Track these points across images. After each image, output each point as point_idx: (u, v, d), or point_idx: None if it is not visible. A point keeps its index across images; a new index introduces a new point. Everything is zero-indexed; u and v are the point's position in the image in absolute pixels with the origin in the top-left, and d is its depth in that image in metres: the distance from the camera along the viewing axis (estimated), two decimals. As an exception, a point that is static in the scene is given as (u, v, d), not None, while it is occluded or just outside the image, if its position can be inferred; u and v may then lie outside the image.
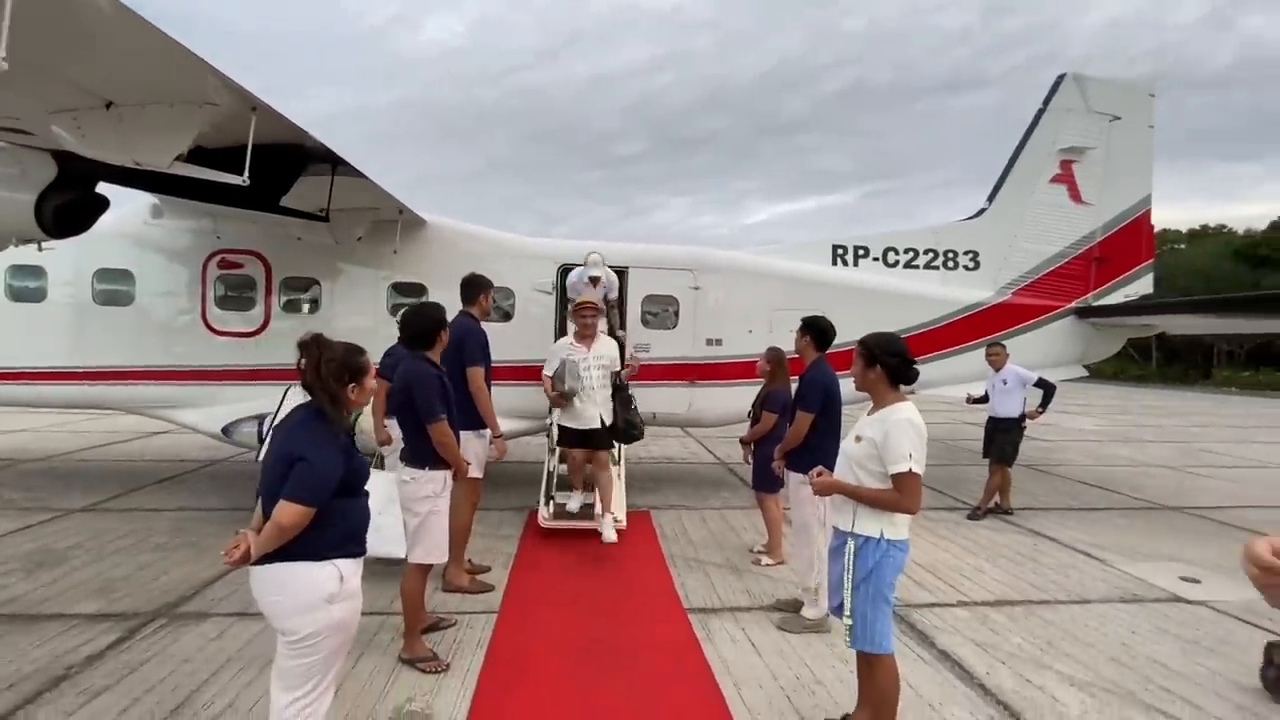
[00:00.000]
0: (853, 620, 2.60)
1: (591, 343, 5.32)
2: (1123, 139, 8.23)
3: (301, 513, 2.13)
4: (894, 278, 7.70)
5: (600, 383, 5.26)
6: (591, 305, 5.39)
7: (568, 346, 5.34)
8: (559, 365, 5.19)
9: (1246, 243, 34.47)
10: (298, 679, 2.24)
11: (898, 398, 2.75)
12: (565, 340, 5.45)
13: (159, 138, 3.44)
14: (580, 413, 5.23)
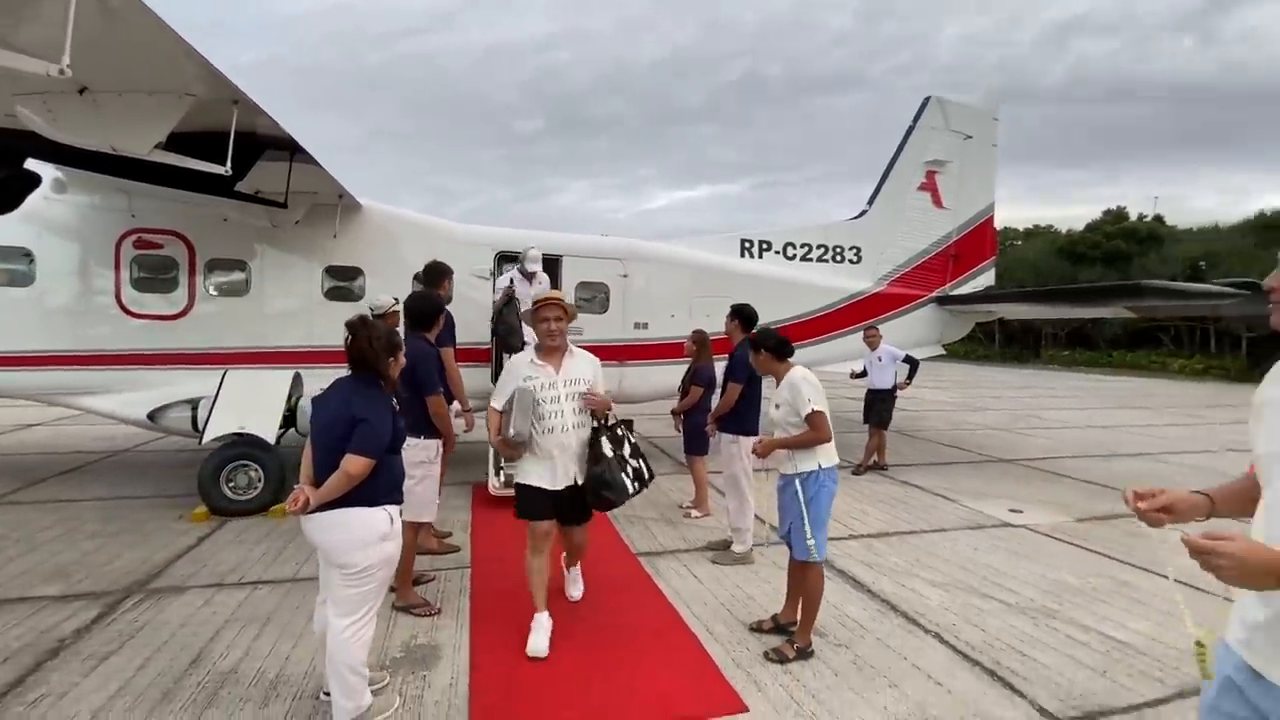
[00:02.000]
0: (795, 536, 3.42)
1: (561, 359, 3.47)
2: (973, 154, 9.84)
3: (366, 464, 2.57)
4: (793, 269, 8.80)
5: (576, 420, 3.39)
6: (557, 302, 3.46)
7: (527, 366, 3.46)
8: (510, 396, 3.36)
9: (1068, 241, 40.27)
10: (354, 605, 2.67)
11: (788, 367, 3.64)
12: (524, 357, 3.56)
13: (137, 126, 3.52)
14: (548, 466, 3.38)
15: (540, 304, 3.49)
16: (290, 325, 6.56)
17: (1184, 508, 1.57)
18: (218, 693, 2.97)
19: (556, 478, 3.41)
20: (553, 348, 3.48)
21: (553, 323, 3.41)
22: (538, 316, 3.46)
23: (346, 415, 2.65)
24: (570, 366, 3.49)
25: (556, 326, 3.42)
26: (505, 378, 3.54)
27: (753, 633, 3.66)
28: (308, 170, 5.35)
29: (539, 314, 3.46)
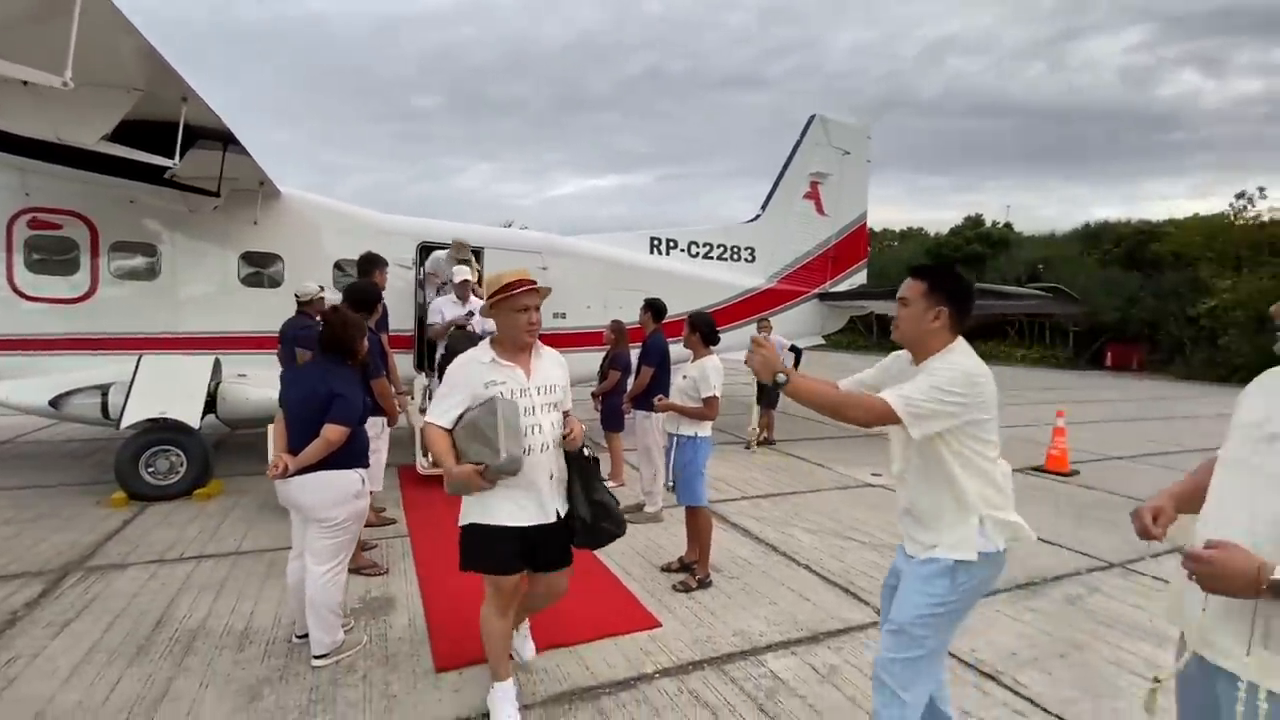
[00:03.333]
0: (682, 485, 4.21)
1: (530, 358, 2.68)
2: (850, 168, 11.19)
3: (343, 433, 3.03)
4: (696, 266, 9.69)
5: (555, 436, 2.67)
6: (533, 284, 2.60)
7: (487, 367, 2.60)
8: (476, 410, 2.52)
9: (935, 244, 44.80)
10: (331, 554, 3.12)
11: (707, 352, 4.43)
12: (478, 355, 2.65)
13: (84, 118, 3.63)
14: (526, 497, 2.61)
15: (512, 286, 2.53)
16: (206, 311, 6.53)
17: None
18: (192, 644, 3.29)
19: (536, 511, 2.59)
20: (525, 345, 2.62)
21: (533, 312, 2.58)
22: (510, 304, 2.53)
23: (324, 391, 3.08)
24: (541, 369, 2.66)
25: (537, 317, 2.61)
26: (453, 383, 2.58)
27: (663, 572, 4.42)
28: (235, 159, 5.44)
29: (512, 300, 2.52)
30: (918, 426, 1.97)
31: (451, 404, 2.57)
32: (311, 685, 2.97)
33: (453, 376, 2.64)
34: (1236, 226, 28.43)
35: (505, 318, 2.61)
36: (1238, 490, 1.43)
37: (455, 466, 2.47)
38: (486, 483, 2.46)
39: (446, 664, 3.18)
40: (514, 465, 2.45)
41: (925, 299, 2.12)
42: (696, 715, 2.86)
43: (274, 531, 4.95)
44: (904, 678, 2.08)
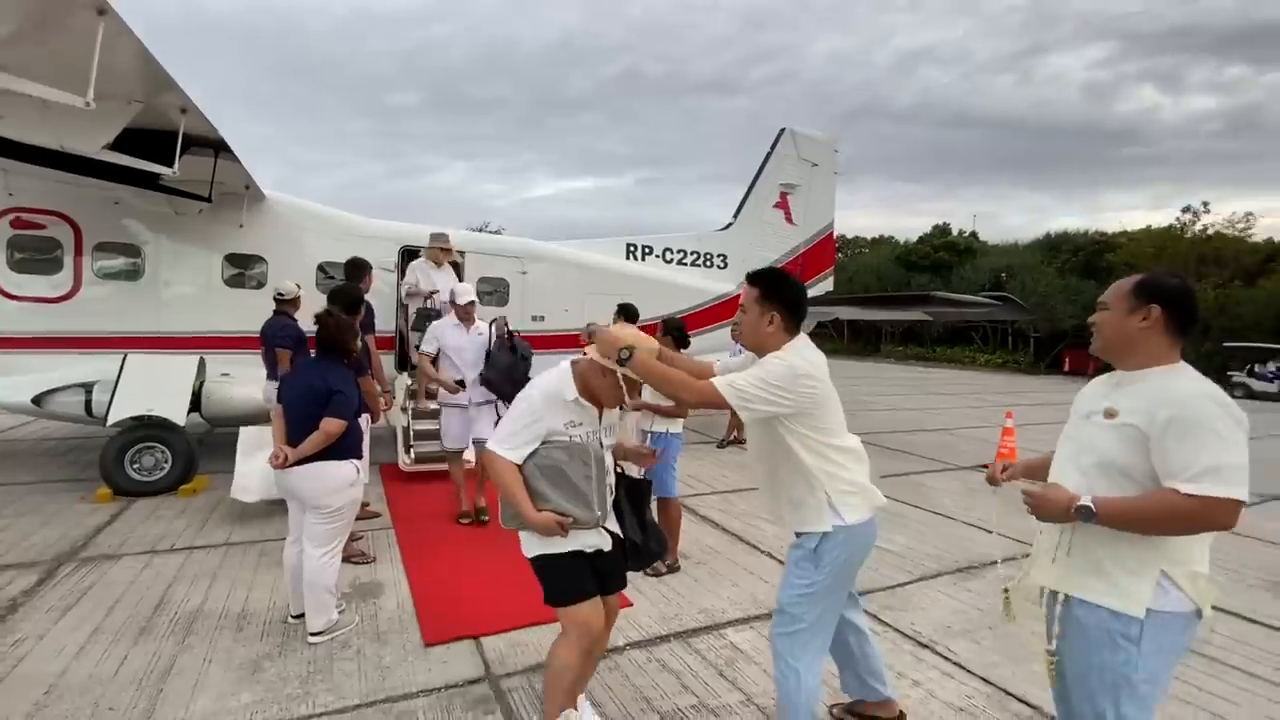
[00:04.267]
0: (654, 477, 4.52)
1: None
2: (818, 180, 11.68)
3: (341, 425, 3.29)
4: (671, 271, 10.06)
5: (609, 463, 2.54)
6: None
7: (568, 406, 2.38)
8: (558, 453, 2.35)
9: (904, 251, 46.01)
10: (327, 538, 3.38)
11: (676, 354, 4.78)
12: (558, 388, 2.38)
13: (87, 129, 3.81)
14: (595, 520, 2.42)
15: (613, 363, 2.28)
16: (190, 311, 6.66)
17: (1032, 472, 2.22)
18: (191, 625, 3.51)
19: (596, 535, 2.46)
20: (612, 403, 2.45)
21: (616, 377, 2.34)
22: (604, 372, 2.33)
23: (323, 387, 3.34)
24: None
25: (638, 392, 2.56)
26: (533, 417, 2.34)
27: (635, 559, 4.75)
28: (225, 165, 5.63)
29: (608, 370, 2.32)
30: (745, 411, 2.22)
31: (526, 439, 2.36)
32: (309, 659, 3.22)
33: (533, 409, 2.36)
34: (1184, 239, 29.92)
35: (592, 371, 2.36)
36: (1067, 453, 1.97)
37: (534, 513, 2.29)
38: (564, 533, 2.32)
39: (434, 639, 3.46)
40: (602, 522, 2.40)
41: (758, 304, 2.37)
42: (663, 679, 3.18)
43: (262, 524, 5.15)
44: (793, 650, 2.36)
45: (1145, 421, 1.74)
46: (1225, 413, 1.71)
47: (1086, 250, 36.82)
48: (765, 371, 2.25)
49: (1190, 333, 1.86)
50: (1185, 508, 1.66)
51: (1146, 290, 1.85)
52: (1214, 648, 3.71)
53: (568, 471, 2.33)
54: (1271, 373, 20.74)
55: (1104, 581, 1.79)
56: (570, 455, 2.35)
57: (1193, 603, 1.75)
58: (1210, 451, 1.66)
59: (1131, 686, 1.76)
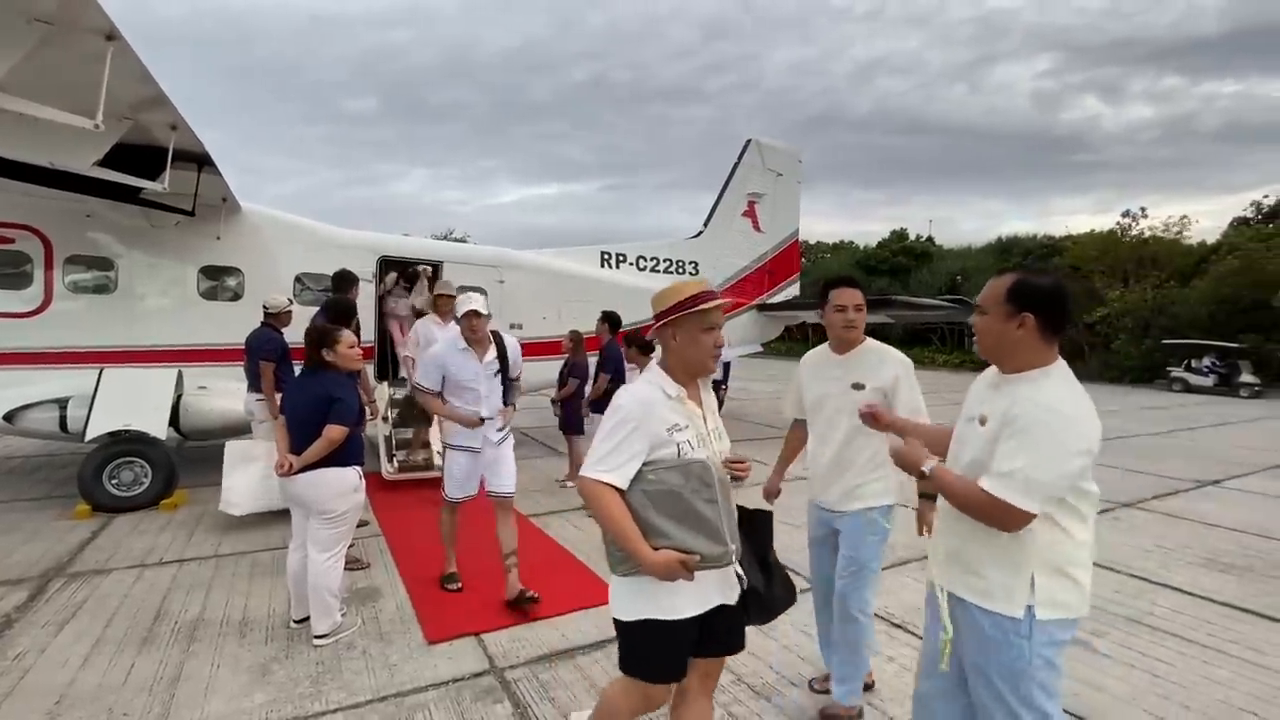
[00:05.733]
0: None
1: (699, 390, 2.13)
2: (783, 189, 12.10)
3: (344, 432, 3.41)
4: (644, 278, 10.29)
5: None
6: (716, 295, 2.07)
7: (668, 405, 1.99)
8: (668, 473, 1.93)
9: (864, 256, 47.27)
10: (331, 543, 3.49)
11: (648, 359, 5.06)
12: (653, 386, 2.02)
13: (78, 146, 3.83)
14: (711, 573, 1.98)
15: (700, 298, 1.98)
16: (165, 324, 6.61)
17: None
18: (194, 634, 3.56)
19: (718, 587, 2.00)
20: (705, 371, 2.08)
21: (719, 333, 2.03)
22: (696, 321, 1.97)
23: (325, 395, 3.45)
24: (708, 401, 2.12)
25: (723, 340, 2.09)
26: (630, 424, 1.90)
27: (624, 557, 4.94)
28: (205, 178, 5.64)
29: (700, 317, 1.97)
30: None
31: (627, 455, 1.87)
32: (316, 660, 3.32)
33: (627, 413, 1.90)
34: (1124, 242, 31.56)
35: (686, 337, 1.98)
36: (953, 451, 2.03)
37: (652, 554, 1.81)
38: (689, 575, 1.82)
39: (437, 636, 3.59)
40: (736, 557, 1.94)
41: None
42: (660, 664, 3.38)
43: (250, 536, 5.17)
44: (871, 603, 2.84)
45: (1000, 422, 1.78)
46: (1063, 426, 1.70)
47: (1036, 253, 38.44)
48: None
49: (1064, 331, 1.85)
50: (977, 500, 1.72)
51: (1021, 297, 1.81)
52: (1156, 618, 4.08)
53: (686, 497, 1.87)
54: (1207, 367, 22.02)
55: (984, 581, 1.82)
56: (686, 476, 1.89)
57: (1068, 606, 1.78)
58: (1023, 457, 1.68)
59: (1029, 675, 1.76)
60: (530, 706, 2.96)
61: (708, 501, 1.92)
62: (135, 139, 4.33)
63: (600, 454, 1.92)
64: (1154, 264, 29.98)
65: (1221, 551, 5.41)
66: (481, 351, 4.01)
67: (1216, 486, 7.91)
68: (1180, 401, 19.18)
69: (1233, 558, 5.26)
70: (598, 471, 1.90)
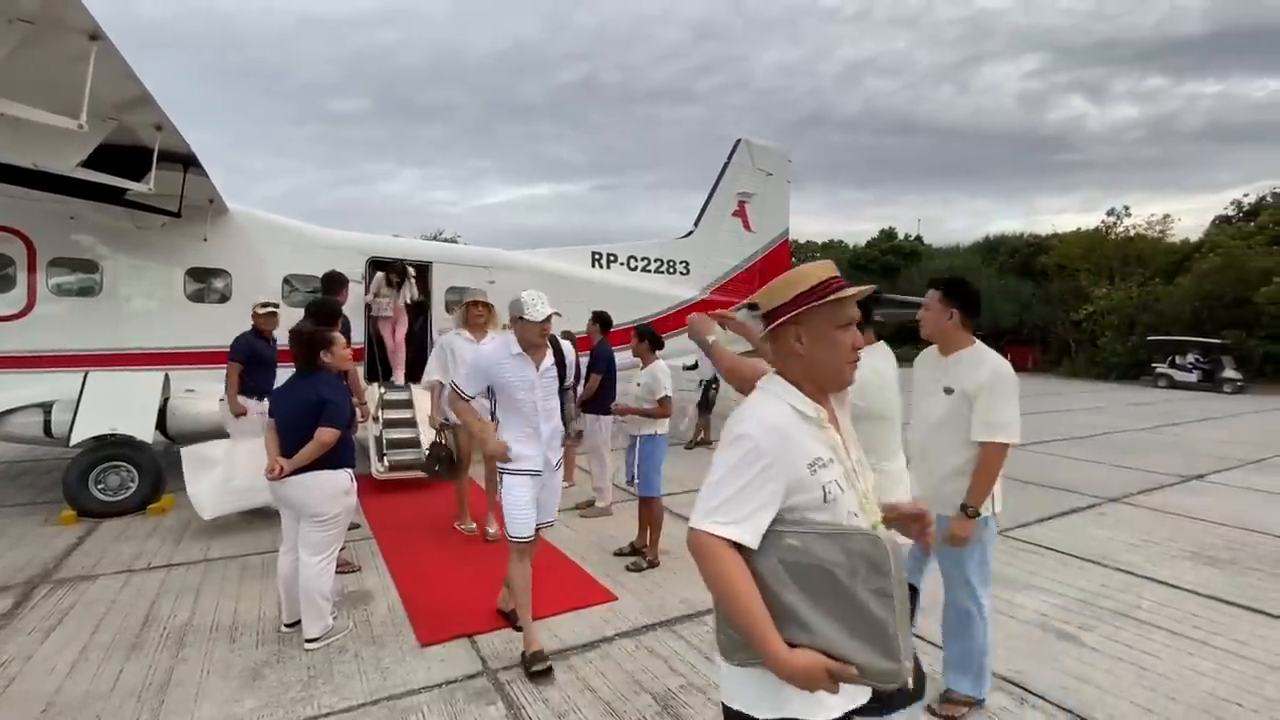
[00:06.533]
0: (643, 479, 4.75)
1: (835, 409, 1.53)
2: (773, 188, 12.14)
3: (335, 435, 3.39)
4: (635, 278, 10.30)
5: None
6: (845, 281, 1.49)
7: (808, 429, 1.41)
8: (815, 540, 1.33)
9: (853, 255, 47.53)
10: (323, 545, 3.47)
11: (654, 358, 5.01)
12: (786, 404, 1.43)
13: (62, 148, 3.78)
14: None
15: (831, 284, 1.46)
16: (152, 326, 6.53)
17: None
18: (183, 639, 3.53)
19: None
20: (841, 384, 1.52)
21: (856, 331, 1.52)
22: (829, 316, 1.46)
23: (316, 398, 3.43)
24: (845, 424, 1.57)
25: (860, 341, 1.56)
26: (762, 460, 1.35)
27: (616, 557, 4.94)
28: (191, 179, 5.59)
29: (834, 309, 1.46)
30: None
31: (757, 503, 1.34)
32: (308, 665, 3.30)
33: (756, 444, 1.36)
34: (1109, 240, 31.93)
35: (815, 338, 1.46)
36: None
37: (788, 654, 1.27)
38: (835, 688, 1.30)
39: (429, 639, 3.57)
40: (907, 677, 1.32)
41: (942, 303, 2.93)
42: (652, 664, 3.39)
43: (238, 540, 5.13)
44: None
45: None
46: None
47: (1023, 252, 38.82)
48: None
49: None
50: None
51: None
52: (1142, 612, 4.13)
53: (844, 581, 1.30)
54: (1191, 363, 22.33)
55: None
56: (846, 553, 1.31)
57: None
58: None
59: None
60: (524, 708, 2.96)
61: (877, 594, 1.29)
62: (120, 140, 4.29)
63: (718, 498, 1.35)
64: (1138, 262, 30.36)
65: (1206, 545, 5.48)
66: (538, 358, 3.41)
67: (1201, 481, 8.02)
68: (1165, 397, 19.43)
69: (1217, 551, 5.34)
70: (715, 522, 1.33)
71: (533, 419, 3.35)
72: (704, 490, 1.41)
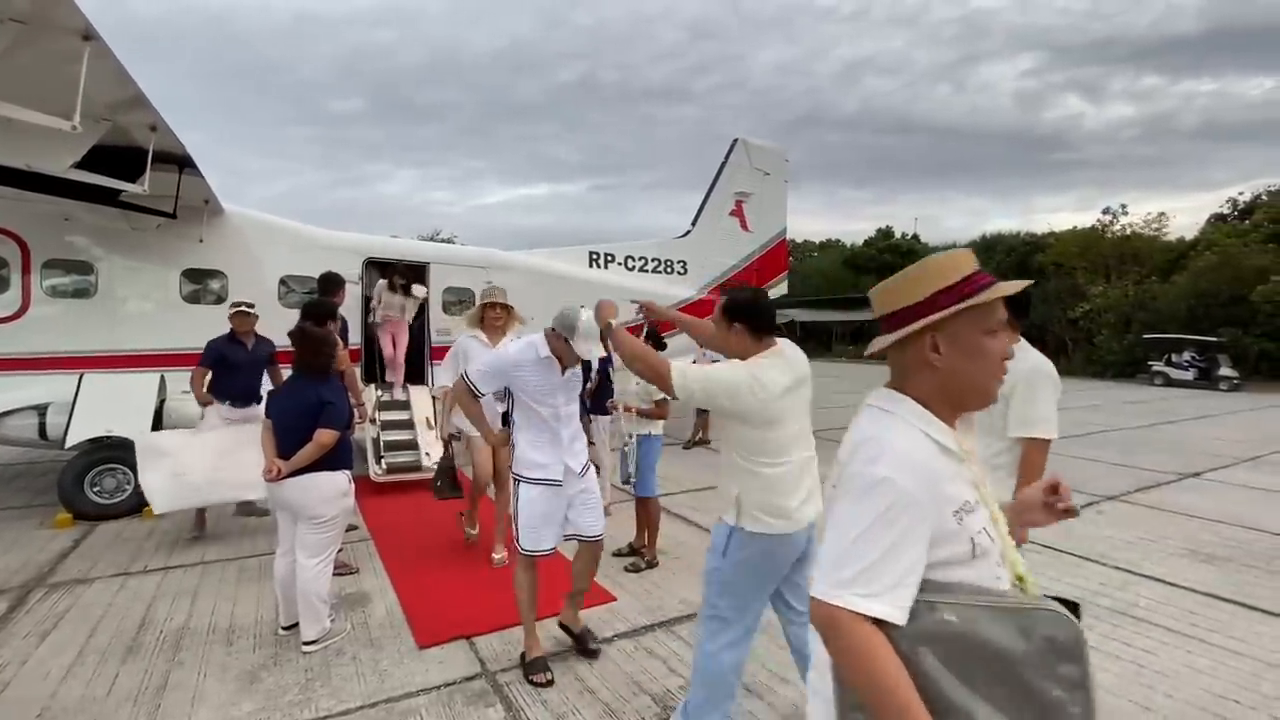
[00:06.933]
0: (638, 479, 4.74)
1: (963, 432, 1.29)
2: (770, 188, 12.14)
3: (334, 436, 3.38)
4: (633, 278, 10.29)
5: None
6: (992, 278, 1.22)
7: (945, 462, 1.17)
8: (987, 620, 1.05)
9: (851, 254, 47.60)
10: (320, 548, 3.45)
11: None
12: (916, 430, 1.19)
13: (56, 149, 3.76)
14: None
15: (976, 279, 1.22)
16: (147, 328, 6.51)
17: None
18: (180, 642, 3.51)
19: None
20: (987, 399, 1.28)
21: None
22: (979, 317, 1.21)
23: (314, 399, 3.42)
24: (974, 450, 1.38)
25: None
26: (907, 524, 1.09)
27: (614, 557, 4.93)
28: (187, 180, 5.56)
29: (983, 312, 1.21)
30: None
31: (903, 567, 1.08)
32: (305, 667, 3.28)
33: (900, 491, 1.10)
34: (1105, 239, 32.02)
35: (959, 347, 1.22)
36: None
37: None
38: None
39: (428, 641, 3.56)
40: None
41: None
42: (650, 664, 3.38)
43: (236, 542, 5.11)
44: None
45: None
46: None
47: (1019, 251, 38.90)
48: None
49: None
50: (653, 361, 2.34)
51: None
52: (1140, 609, 4.14)
53: (1024, 673, 1.04)
54: (1187, 361, 22.38)
55: None
56: (1027, 635, 1.05)
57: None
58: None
59: None
60: (523, 710, 2.95)
61: (1070, 687, 1.04)
62: (114, 140, 4.27)
63: (857, 564, 1.08)
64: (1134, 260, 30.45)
65: (1203, 542, 5.50)
66: (564, 364, 3.22)
67: (1197, 478, 8.04)
68: (1161, 395, 19.49)
69: (1214, 548, 5.35)
70: (856, 595, 1.06)
71: (553, 424, 3.22)
72: (832, 552, 1.13)
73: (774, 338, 2.53)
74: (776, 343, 2.51)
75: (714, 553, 2.51)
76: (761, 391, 2.31)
